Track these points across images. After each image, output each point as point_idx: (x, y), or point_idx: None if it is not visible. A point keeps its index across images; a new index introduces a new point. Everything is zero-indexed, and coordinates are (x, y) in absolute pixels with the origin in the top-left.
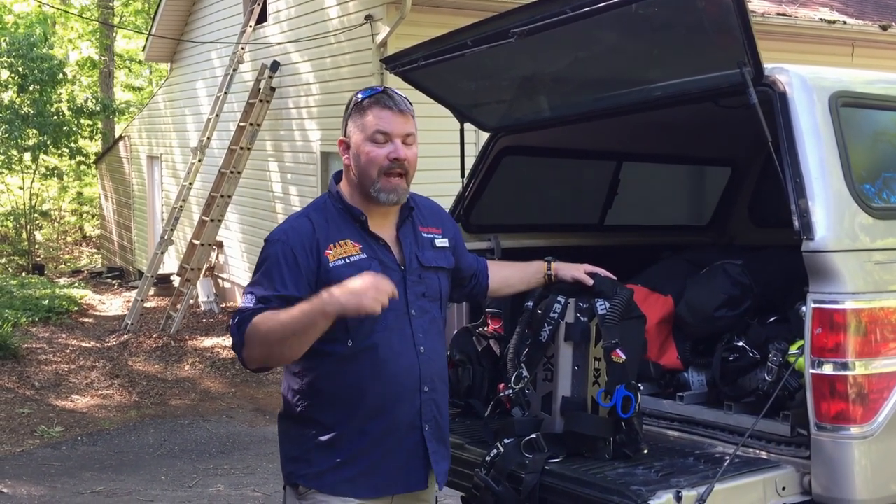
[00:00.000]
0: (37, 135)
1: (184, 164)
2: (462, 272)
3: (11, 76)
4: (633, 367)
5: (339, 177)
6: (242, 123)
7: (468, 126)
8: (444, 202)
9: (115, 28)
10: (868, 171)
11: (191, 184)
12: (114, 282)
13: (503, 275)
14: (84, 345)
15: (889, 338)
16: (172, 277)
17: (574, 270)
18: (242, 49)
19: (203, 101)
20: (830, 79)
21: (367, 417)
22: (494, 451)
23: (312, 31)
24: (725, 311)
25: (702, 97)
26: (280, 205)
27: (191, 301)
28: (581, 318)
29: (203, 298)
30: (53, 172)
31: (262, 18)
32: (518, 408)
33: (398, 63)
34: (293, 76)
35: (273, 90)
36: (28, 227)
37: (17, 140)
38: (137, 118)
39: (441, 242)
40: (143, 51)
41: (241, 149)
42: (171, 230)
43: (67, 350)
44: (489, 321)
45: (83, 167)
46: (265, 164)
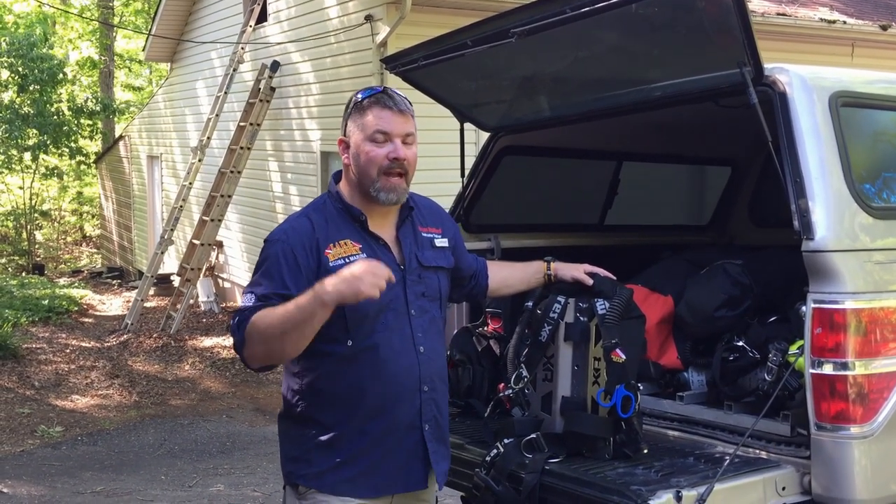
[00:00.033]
0: (37, 135)
1: (184, 164)
2: (462, 272)
3: (11, 76)
4: (633, 367)
5: (339, 177)
6: (242, 123)
7: (468, 126)
8: (444, 202)
9: (115, 28)
10: (868, 171)
11: (191, 183)
12: (114, 282)
13: (503, 275)
14: (84, 345)
15: (889, 338)
16: (172, 277)
17: (574, 270)
18: (242, 49)
19: (203, 101)
20: (830, 79)
21: (367, 417)
22: (494, 451)
23: (312, 31)
24: (725, 311)
25: (702, 97)
26: (280, 205)
27: (191, 301)
28: (581, 318)
29: (203, 298)
30: (53, 172)
31: (262, 18)
32: (518, 408)
33: (398, 63)
34: (293, 76)
35: (273, 90)
36: (28, 227)
37: (17, 140)
38: (137, 118)
39: (441, 242)
40: (143, 51)
41: (241, 148)
42: (171, 230)
43: (67, 350)
44: (489, 321)
45: (83, 167)
46: (265, 164)
